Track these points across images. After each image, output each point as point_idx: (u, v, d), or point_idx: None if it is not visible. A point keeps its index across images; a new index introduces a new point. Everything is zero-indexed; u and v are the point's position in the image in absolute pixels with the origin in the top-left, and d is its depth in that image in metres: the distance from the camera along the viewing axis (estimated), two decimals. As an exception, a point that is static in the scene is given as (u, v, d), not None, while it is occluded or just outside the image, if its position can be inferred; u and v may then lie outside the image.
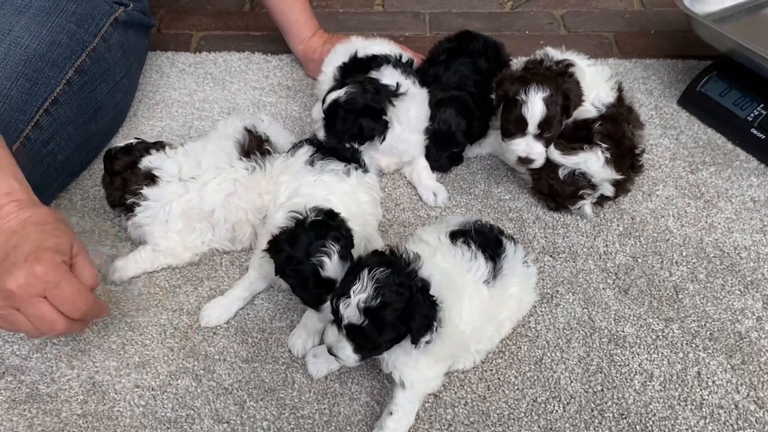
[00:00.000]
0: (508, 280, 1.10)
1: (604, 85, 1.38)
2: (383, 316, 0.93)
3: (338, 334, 0.98)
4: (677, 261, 1.33)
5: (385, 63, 1.44)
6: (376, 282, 0.93)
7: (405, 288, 0.95)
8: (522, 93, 1.27)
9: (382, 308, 0.93)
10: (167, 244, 1.28)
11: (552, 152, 1.35)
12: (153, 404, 1.11)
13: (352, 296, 0.93)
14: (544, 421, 1.10)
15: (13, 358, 1.17)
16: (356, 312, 0.93)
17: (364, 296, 0.93)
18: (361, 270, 0.95)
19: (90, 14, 1.44)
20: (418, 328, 0.96)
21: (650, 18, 1.99)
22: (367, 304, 0.93)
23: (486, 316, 1.07)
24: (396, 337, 0.97)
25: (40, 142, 1.27)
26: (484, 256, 1.08)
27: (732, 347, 1.19)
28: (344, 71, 1.48)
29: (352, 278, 0.95)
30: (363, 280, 0.93)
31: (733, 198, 1.44)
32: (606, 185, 1.35)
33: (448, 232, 1.12)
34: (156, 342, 1.19)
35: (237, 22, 1.97)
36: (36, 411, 1.10)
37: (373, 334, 0.95)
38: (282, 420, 1.09)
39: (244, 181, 1.29)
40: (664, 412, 1.11)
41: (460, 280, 1.04)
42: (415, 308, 0.95)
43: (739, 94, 1.57)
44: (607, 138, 1.33)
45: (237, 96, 1.69)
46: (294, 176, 1.27)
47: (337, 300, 0.96)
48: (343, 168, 1.28)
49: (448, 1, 2.06)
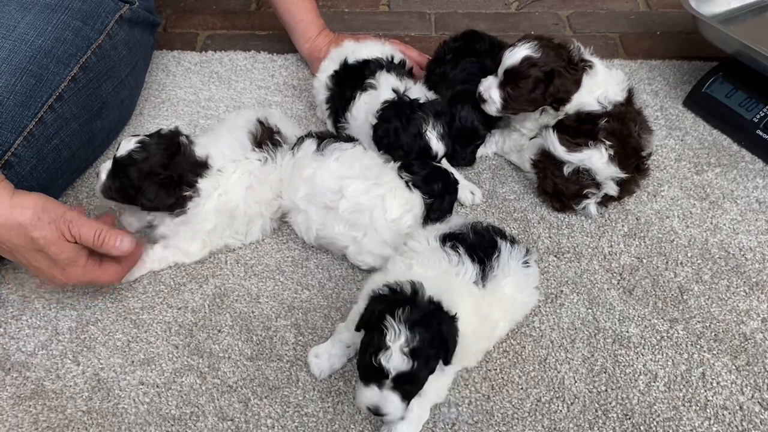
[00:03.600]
0: (501, 280, 1.10)
1: (614, 86, 1.38)
2: (427, 351, 0.94)
3: (380, 392, 0.96)
4: (682, 262, 1.32)
5: (379, 69, 1.42)
6: (405, 322, 0.93)
7: (429, 317, 0.95)
8: (518, 42, 1.30)
9: (424, 344, 0.93)
10: (193, 246, 1.27)
11: (557, 149, 1.35)
12: (158, 401, 1.11)
13: (392, 345, 0.92)
14: (548, 420, 1.10)
15: (18, 355, 1.17)
16: (402, 358, 0.92)
17: (403, 340, 0.92)
18: (381, 320, 0.94)
19: (95, 11, 1.44)
20: (453, 347, 0.97)
21: (656, 19, 1.99)
22: (411, 345, 0.92)
23: (480, 316, 1.07)
24: (431, 370, 0.98)
25: (44, 138, 1.28)
26: (471, 259, 1.08)
27: (737, 348, 1.19)
28: (336, 79, 1.48)
29: (377, 333, 0.94)
30: (394, 327, 0.93)
31: (738, 199, 1.44)
32: (610, 184, 1.35)
33: (439, 236, 1.12)
34: (161, 339, 1.20)
35: (243, 22, 1.97)
36: (41, 407, 1.10)
37: (423, 373, 0.96)
38: (286, 418, 1.09)
39: (257, 174, 1.28)
40: (669, 412, 1.11)
41: (455, 285, 1.04)
42: (445, 332, 0.96)
43: (745, 95, 1.56)
44: (611, 135, 1.33)
45: (243, 95, 1.69)
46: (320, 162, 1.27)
47: (375, 357, 0.93)
48: (352, 145, 1.31)
49: (453, 2, 2.07)
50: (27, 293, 1.26)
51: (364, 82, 1.41)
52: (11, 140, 1.23)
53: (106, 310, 1.24)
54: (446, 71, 1.50)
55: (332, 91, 1.49)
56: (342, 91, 1.46)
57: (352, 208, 1.24)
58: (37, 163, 1.26)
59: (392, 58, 1.49)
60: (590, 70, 1.36)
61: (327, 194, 1.25)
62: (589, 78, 1.36)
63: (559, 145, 1.35)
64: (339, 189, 1.24)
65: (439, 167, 1.33)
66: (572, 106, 1.37)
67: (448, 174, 1.33)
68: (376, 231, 1.24)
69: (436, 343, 0.95)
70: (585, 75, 1.36)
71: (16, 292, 1.26)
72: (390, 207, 1.23)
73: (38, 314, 1.23)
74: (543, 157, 1.40)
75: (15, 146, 1.23)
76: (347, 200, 1.23)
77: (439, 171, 1.32)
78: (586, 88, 1.36)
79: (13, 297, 1.25)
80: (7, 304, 1.24)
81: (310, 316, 1.23)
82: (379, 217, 1.23)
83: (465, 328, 1.02)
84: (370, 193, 1.23)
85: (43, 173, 1.30)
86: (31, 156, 1.25)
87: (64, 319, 1.22)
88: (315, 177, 1.26)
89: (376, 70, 1.42)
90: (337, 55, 1.51)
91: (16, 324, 1.21)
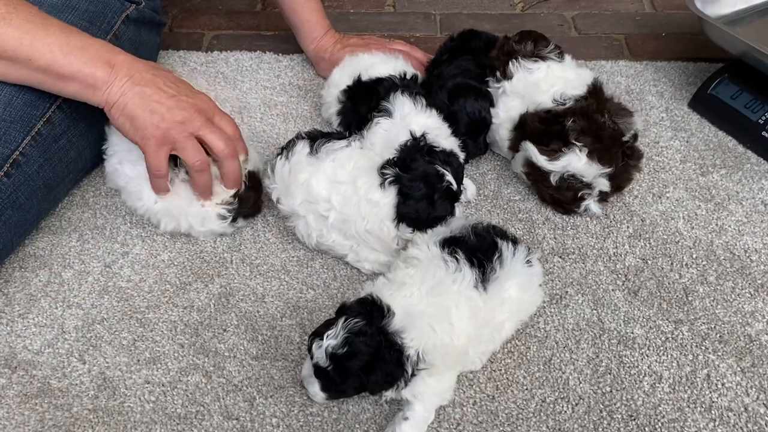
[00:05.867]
0: (504, 283, 1.10)
1: (569, 79, 1.40)
2: (348, 365, 0.97)
3: (311, 371, 1.02)
4: (687, 263, 1.32)
5: (393, 89, 1.40)
6: (348, 332, 0.97)
7: (375, 341, 0.97)
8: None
9: (348, 358, 0.97)
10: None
11: (539, 159, 1.35)
12: (163, 400, 1.12)
13: (324, 340, 0.97)
14: (552, 421, 1.10)
15: (24, 353, 1.17)
16: (324, 356, 0.97)
17: (334, 342, 0.97)
18: (339, 317, 0.99)
19: (102, 12, 1.44)
20: (377, 382, 0.99)
21: (661, 20, 1.99)
22: (335, 351, 0.97)
23: (479, 321, 1.07)
24: (360, 386, 1.01)
25: (51, 137, 1.28)
26: (471, 263, 1.08)
27: (742, 350, 1.19)
28: (349, 94, 1.48)
29: (330, 322, 1.00)
30: (337, 328, 0.97)
31: (743, 201, 1.44)
32: (600, 180, 1.35)
33: (439, 241, 1.12)
34: (166, 338, 1.20)
35: (248, 22, 1.98)
36: (47, 405, 1.11)
37: (337, 380, 0.99)
38: (291, 417, 1.10)
39: None
40: (674, 414, 1.11)
41: (445, 295, 1.05)
42: (379, 363, 0.98)
43: (751, 97, 1.56)
44: (581, 134, 1.33)
45: (248, 95, 1.70)
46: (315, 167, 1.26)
47: (312, 339, 1.00)
48: (346, 143, 1.30)
49: (459, 2, 2.07)
50: (33, 292, 1.26)
51: (379, 104, 1.38)
52: (19, 139, 1.23)
53: (112, 308, 1.24)
54: (441, 70, 1.51)
55: (344, 104, 1.49)
56: (355, 107, 1.46)
57: (341, 218, 1.24)
58: (44, 162, 1.26)
59: (404, 74, 1.48)
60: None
61: (321, 202, 1.24)
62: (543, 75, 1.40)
63: (540, 155, 1.35)
64: (329, 197, 1.23)
65: (434, 171, 1.23)
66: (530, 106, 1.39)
67: (441, 178, 1.23)
68: (364, 240, 1.25)
69: (364, 367, 0.97)
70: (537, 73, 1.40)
71: (23, 290, 1.27)
72: (367, 215, 1.22)
73: (44, 312, 1.23)
74: (531, 169, 1.40)
75: (23, 145, 1.24)
76: (336, 210, 1.23)
77: (430, 174, 1.23)
78: (539, 87, 1.39)
79: (19, 295, 1.26)
80: (14, 302, 1.25)
81: (315, 315, 1.24)
82: (361, 228, 1.23)
83: (459, 334, 1.04)
84: (351, 200, 1.23)
85: (50, 172, 1.30)
86: (38, 155, 1.26)
87: (71, 317, 1.23)
88: (310, 184, 1.25)
89: (390, 90, 1.40)
90: (350, 69, 1.51)
91: (22, 322, 1.22)
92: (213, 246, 1.35)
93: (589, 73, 1.44)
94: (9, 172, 1.21)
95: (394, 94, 1.39)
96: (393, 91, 1.40)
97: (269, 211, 1.41)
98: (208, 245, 1.35)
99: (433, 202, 1.22)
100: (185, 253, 1.34)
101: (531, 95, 1.40)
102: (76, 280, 1.29)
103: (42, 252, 1.33)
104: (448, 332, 1.03)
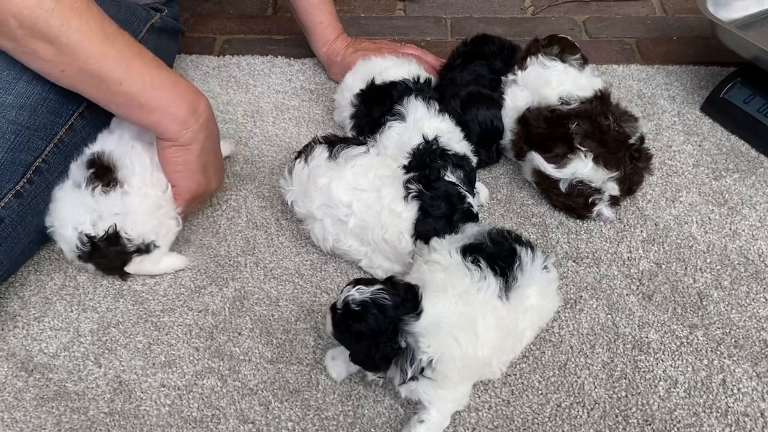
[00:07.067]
0: (526, 291, 1.08)
1: (580, 83, 1.41)
2: (349, 322, 0.99)
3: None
4: (701, 268, 1.32)
5: (407, 93, 1.40)
6: (372, 299, 0.98)
7: (381, 324, 0.98)
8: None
9: (353, 316, 0.99)
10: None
11: (547, 168, 1.35)
12: (179, 404, 1.12)
13: (353, 290, 1.00)
14: (568, 426, 1.10)
15: (41, 356, 1.18)
16: (341, 300, 1.00)
17: (356, 296, 0.99)
18: (383, 282, 1.01)
19: (129, 20, 1.45)
20: (357, 353, 1.01)
21: (672, 24, 1.99)
22: (351, 302, 0.99)
23: (504, 332, 1.06)
24: (364, 359, 1.02)
25: (72, 144, 1.29)
26: (494, 272, 1.07)
27: (757, 355, 1.19)
28: (363, 98, 1.48)
29: (372, 282, 1.02)
30: (370, 288, 0.99)
31: (757, 205, 1.44)
32: (609, 185, 1.35)
33: (460, 248, 1.11)
34: (182, 342, 1.20)
35: (260, 26, 1.98)
36: (64, 408, 1.11)
37: (340, 324, 1.01)
38: (306, 421, 1.10)
39: None
40: (689, 419, 1.10)
41: (472, 304, 1.03)
42: (370, 342, 0.99)
43: (764, 101, 1.55)
44: (586, 139, 1.33)
45: (260, 99, 1.70)
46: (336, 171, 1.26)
47: (352, 282, 1.02)
48: (365, 149, 1.30)
49: (469, 7, 2.07)
50: (49, 295, 1.27)
51: (393, 108, 1.39)
52: (42, 146, 1.24)
53: (127, 312, 1.25)
54: (455, 76, 1.51)
55: (357, 108, 1.49)
56: (368, 110, 1.46)
57: (360, 224, 1.24)
58: (64, 169, 1.27)
59: (418, 78, 1.48)
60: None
61: (340, 207, 1.24)
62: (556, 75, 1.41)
63: (547, 164, 1.35)
64: (350, 203, 1.23)
65: (456, 192, 1.25)
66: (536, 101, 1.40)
67: (462, 199, 1.25)
68: (379, 248, 1.25)
69: (352, 335, 1.00)
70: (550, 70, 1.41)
71: (38, 293, 1.27)
72: (387, 225, 1.22)
73: (60, 316, 1.24)
74: (540, 177, 1.40)
75: (46, 152, 1.24)
76: (356, 216, 1.23)
77: (452, 195, 1.24)
78: (548, 82, 1.40)
79: (35, 299, 1.26)
80: (29, 305, 1.25)
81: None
82: (378, 236, 1.23)
83: (484, 345, 1.02)
84: (372, 208, 1.23)
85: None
86: (60, 162, 1.27)
87: (86, 321, 1.23)
88: (330, 188, 1.25)
89: (403, 94, 1.41)
90: (363, 73, 1.51)
91: (38, 326, 1.23)
92: (227, 250, 1.36)
93: (601, 82, 1.45)
94: (31, 179, 1.22)
95: (407, 98, 1.39)
96: (406, 94, 1.40)
97: (283, 215, 1.42)
98: (222, 249, 1.36)
99: (452, 222, 1.22)
100: (199, 257, 1.34)
101: (539, 88, 1.41)
102: (91, 284, 1.29)
103: (57, 255, 1.33)
104: (473, 343, 1.01)
